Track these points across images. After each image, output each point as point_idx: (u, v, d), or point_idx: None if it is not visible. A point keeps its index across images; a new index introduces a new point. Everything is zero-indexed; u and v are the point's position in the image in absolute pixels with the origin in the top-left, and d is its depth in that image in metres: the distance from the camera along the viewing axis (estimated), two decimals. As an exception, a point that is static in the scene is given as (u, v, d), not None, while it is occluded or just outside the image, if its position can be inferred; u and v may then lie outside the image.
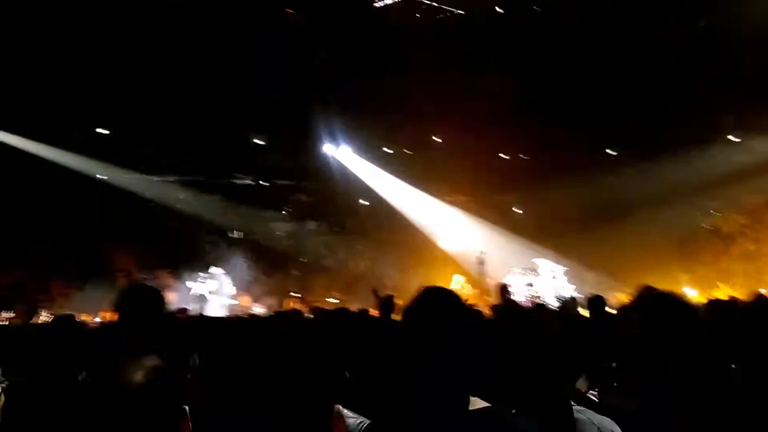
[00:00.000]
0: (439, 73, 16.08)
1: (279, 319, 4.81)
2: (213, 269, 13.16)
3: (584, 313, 6.10)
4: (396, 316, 6.69)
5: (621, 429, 1.77)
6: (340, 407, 2.59)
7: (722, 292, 11.03)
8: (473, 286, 14.29)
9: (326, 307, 7.12)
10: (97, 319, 10.55)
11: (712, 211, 16.27)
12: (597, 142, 16.92)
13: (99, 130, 17.63)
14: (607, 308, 5.71)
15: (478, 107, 16.31)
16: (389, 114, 16.53)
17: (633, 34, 14.13)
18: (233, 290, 13.02)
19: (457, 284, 13.74)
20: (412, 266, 17.20)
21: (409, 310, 1.72)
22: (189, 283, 13.18)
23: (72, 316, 3.34)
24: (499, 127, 16.34)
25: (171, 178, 18.74)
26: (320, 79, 16.32)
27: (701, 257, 15.52)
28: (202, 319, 5.47)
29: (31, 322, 9.19)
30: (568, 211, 16.01)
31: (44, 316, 8.43)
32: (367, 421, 2.31)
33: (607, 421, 2.15)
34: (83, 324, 3.16)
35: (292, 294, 13.68)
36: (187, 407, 2.41)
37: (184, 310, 8.88)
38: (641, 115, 15.24)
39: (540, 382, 2.48)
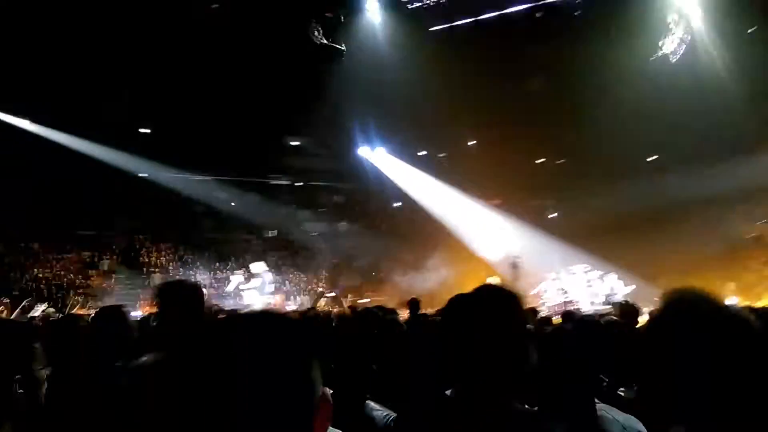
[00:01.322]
0: (474, 76, 16.03)
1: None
2: (254, 266, 13.20)
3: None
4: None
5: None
6: (368, 401, 2.60)
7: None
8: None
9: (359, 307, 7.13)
10: (136, 313, 10.79)
11: (758, 223, 15.74)
12: (638, 148, 16.54)
13: (142, 129, 18.16)
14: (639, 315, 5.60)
15: (514, 110, 16.20)
16: (425, 117, 16.50)
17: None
18: (272, 287, 13.04)
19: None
20: (444, 268, 17.10)
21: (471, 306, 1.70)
22: (233, 278, 13.25)
23: (119, 308, 3.40)
24: (537, 131, 16.15)
25: (209, 177, 19.12)
26: (356, 82, 16.44)
27: (747, 265, 15.01)
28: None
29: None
30: (606, 217, 15.68)
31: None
32: (393, 414, 2.31)
33: (632, 420, 2.10)
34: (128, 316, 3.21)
35: (325, 294, 13.71)
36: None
37: (218, 306, 8.98)
38: (687, 122, 14.84)
39: (565, 382, 2.44)
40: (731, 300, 11.47)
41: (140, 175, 17.05)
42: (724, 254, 15.17)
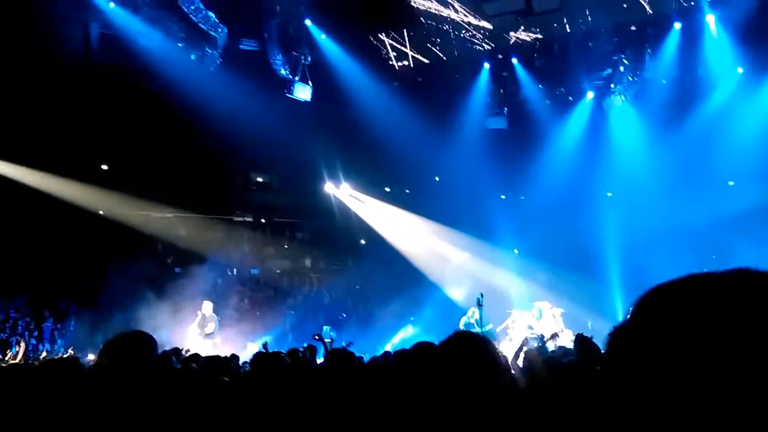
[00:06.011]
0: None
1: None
2: (205, 305, 13.01)
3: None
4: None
5: None
6: None
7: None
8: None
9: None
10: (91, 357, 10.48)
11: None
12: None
13: (103, 166, 17.88)
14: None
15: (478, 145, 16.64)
16: (389, 153, 16.73)
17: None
18: (213, 327, 12.89)
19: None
20: (409, 304, 17.11)
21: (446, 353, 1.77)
22: (192, 324, 12.95)
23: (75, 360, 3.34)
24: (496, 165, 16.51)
25: (171, 214, 18.83)
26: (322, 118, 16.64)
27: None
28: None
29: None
30: (566, 251, 16.02)
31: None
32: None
33: None
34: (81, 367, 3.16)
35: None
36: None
37: (178, 350, 8.78)
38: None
39: None
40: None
41: (101, 213, 16.74)
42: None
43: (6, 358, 10.60)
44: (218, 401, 3.44)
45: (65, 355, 11.05)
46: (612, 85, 15.17)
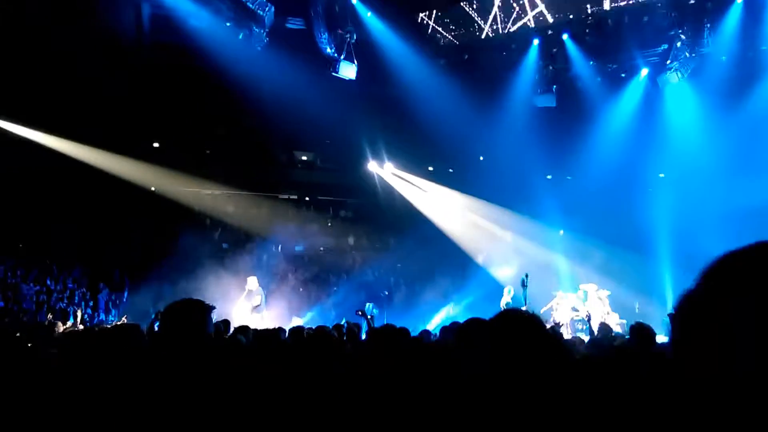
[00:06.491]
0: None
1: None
2: (250, 280, 13.35)
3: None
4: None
5: None
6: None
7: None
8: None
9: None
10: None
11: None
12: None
13: (155, 144, 18.41)
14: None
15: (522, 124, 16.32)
16: (433, 131, 16.59)
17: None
18: (260, 300, 13.22)
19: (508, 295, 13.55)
20: (451, 283, 17.09)
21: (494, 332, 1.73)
22: (240, 299, 13.34)
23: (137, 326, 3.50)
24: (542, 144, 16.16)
25: (218, 192, 19.29)
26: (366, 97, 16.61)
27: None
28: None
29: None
30: (613, 233, 15.64)
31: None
32: None
33: None
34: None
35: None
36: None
37: (228, 322, 9.02)
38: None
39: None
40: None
41: (151, 188, 17.28)
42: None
43: (65, 327, 11.14)
44: (267, 371, 3.54)
45: (119, 323, 11.54)
46: (668, 62, 14.56)
